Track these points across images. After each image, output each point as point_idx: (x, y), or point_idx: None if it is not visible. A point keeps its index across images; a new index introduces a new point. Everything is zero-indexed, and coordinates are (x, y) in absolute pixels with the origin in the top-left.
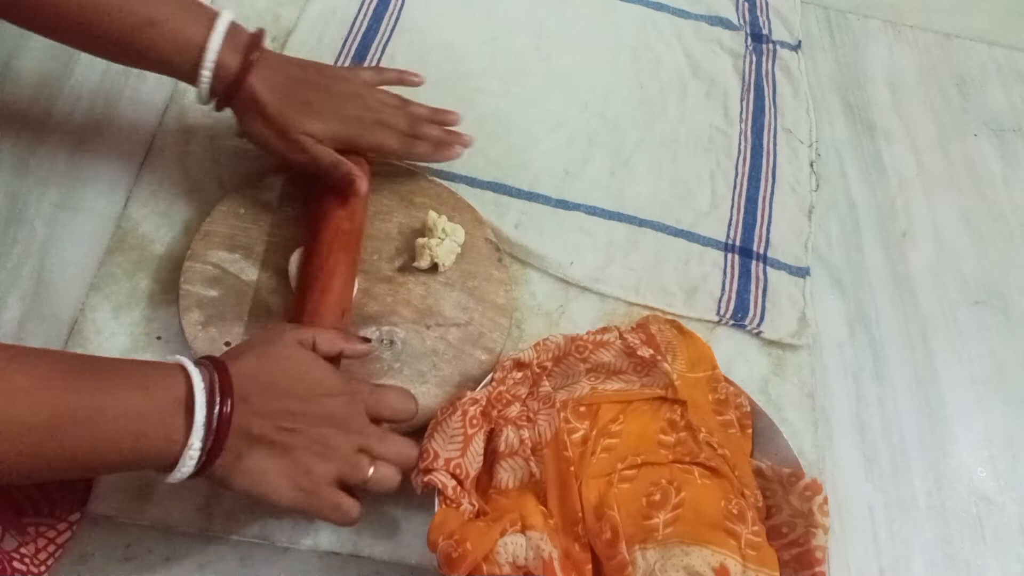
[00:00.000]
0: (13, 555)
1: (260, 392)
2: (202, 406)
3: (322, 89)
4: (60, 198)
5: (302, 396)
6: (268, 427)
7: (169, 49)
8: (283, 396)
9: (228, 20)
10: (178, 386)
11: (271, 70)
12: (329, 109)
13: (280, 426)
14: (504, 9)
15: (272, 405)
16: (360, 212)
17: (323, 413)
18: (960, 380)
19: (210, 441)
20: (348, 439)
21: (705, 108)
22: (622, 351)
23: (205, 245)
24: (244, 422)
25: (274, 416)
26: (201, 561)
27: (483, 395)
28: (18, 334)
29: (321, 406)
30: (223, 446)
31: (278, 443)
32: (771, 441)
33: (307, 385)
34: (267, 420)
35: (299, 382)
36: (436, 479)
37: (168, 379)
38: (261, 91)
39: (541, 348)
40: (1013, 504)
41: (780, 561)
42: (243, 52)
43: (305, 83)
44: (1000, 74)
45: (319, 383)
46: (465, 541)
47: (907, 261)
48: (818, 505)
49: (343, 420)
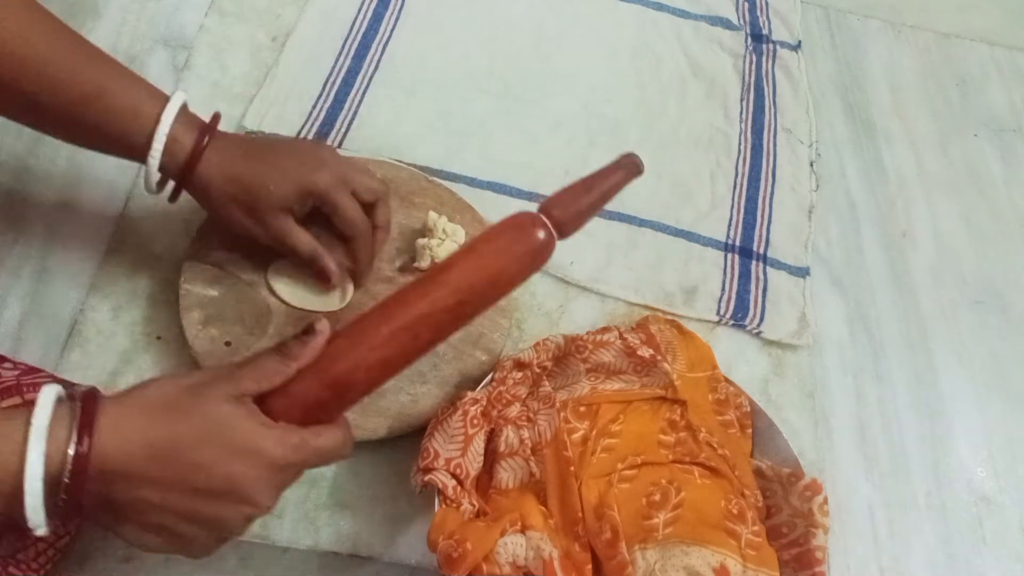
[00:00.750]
0: (9, 561)
1: (148, 459)
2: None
3: (285, 146)
4: (60, 198)
5: (200, 464)
6: (149, 503)
7: (120, 120)
8: (179, 466)
9: (182, 98)
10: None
11: (228, 142)
12: (295, 162)
13: (160, 504)
14: (504, 9)
15: (159, 475)
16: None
17: (219, 485)
18: (960, 380)
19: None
20: (239, 510)
21: (705, 108)
22: (622, 351)
23: (205, 245)
24: (109, 490)
25: (157, 488)
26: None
27: (483, 395)
28: (18, 334)
29: (220, 477)
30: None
31: (158, 523)
32: (771, 441)
33: (218, 450)
34: (152, 492)
35: (206, 446)
36: (436, 479)
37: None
38: (221, 161)
39: (541, 348)
40: (1013, 504)
41: (780, 561)
42: (198, 130)
43: (266, 146)
44: (1000, 74)
45: (234, 446)
46: (465, 541)
47: (907, 261)
48: (818, 505)
49: (244, 493)
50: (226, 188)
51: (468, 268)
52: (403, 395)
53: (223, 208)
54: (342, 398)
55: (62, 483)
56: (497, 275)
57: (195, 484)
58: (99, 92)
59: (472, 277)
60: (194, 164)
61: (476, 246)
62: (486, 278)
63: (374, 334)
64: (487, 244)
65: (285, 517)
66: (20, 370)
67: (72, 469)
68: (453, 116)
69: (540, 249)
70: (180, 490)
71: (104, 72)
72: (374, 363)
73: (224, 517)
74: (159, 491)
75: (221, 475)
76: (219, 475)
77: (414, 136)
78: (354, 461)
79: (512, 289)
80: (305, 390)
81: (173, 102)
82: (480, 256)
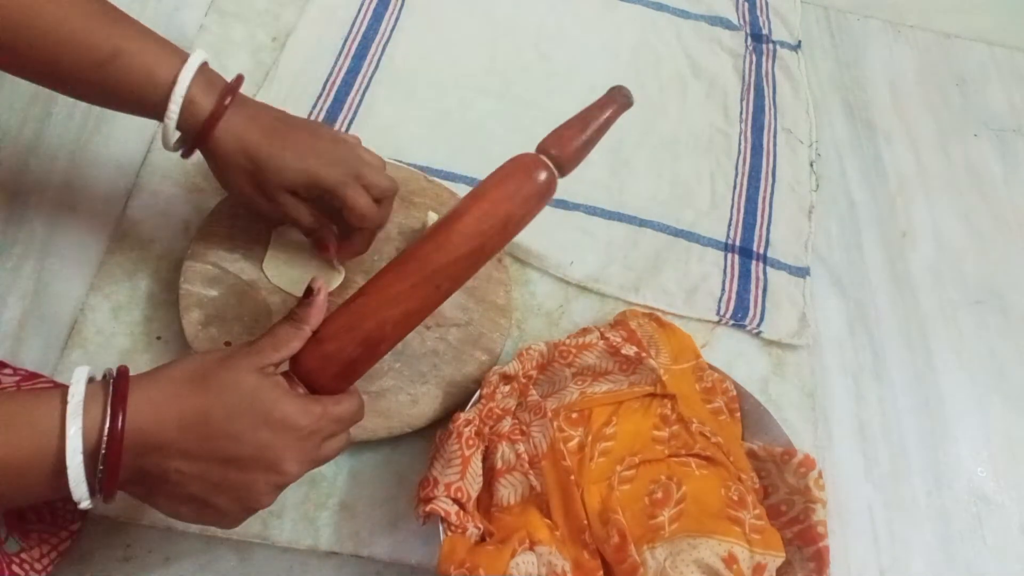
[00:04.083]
0: (14, 558)
1: (180, 430)
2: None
3: (305, 129)
4: (60, 198)
5: (231, 434)
6: (181, 473)
7: (137, 81)
8: (210, 437)
9: (202, 57)
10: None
11: (250, 109)
12: (311, 149)
13: (192, 473)
14: (504, 9)
15: (191, 446)
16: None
17: (249, 453)
18: (960, 380)
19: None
20: (267, 478)
21: (705, 108)
22: (606, 351)
23: (205, 245)
24: (148, 462)
25: (190, 459)
26: (201, 561)
27: (475, 414)
28: (18, 334)
29: (250, 445)
30: (115, 480)
31: (190, 493)
32: (760, 422)
33: (248, 420)
34: (184, 463)
35: (235, 417)
36: (438, 507)
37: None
38: (238, 130)
39: (525, 358)
40: (1013, 504)
41: (783, 540)
42: (218, 93)
43: (287, 122)
44: (1000, 74)
45: (263, 416)
46: (477, 568)
47: (907, 261)
48: (814, 480)
49: (272, 460)
50: (238, 159)
51: (479, 215)
52: (403, 395)
53: (231, 176)
54: (374, 353)
55: (99, 457)
56: (507, 219)
57: (226, 453)
58: (116, 52)
59: (484, 224)
60: (212, 127)
61: (484, 192)
62: (498, 223)
63: (398, 289)
64: (495, 190)
65: (285, 517)
66: (20, 376)
67: (108, 443)
68: (453, 116)
69: (545, 190)
70: (211, 460)
71: (121, 31)
72: (400, 317)
73: (253, 486)
74: (191, 462)
75: (251, 443)
76: (249, 444)
77: (414, 136)
78: (354, 461)
79: (521, 229)
80: (340, 349)
81: (191, 62)
82: (490, 203)
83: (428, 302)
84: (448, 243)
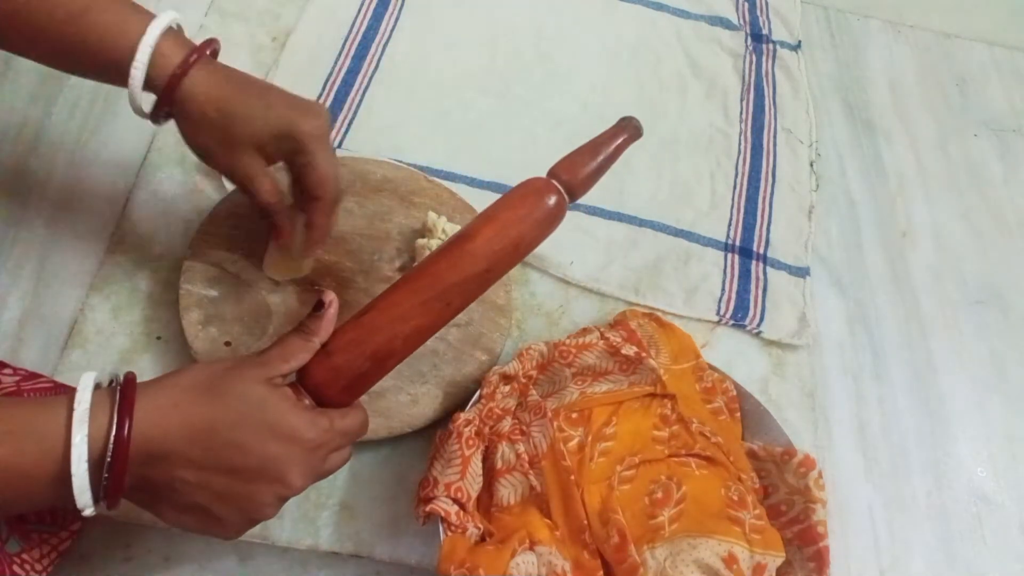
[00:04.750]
0: (15, 559)
1: (186, 439)
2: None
3: (277, 88)
4: (60, 198)
5: (238, 444)
6: (186, 482)
7: (109, 35)
8: (216, 446)
9: (173, 15)
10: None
11: (220, 67)
12: (283, 100)
13: (197, 483)
14: (504, 9)
15: (197, 455)
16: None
17: (254, 464)
18: (960, 380)
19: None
20: (272, 489)
21: (705, 108)
22: (606, 351)
23: (205, 245)
24: (153, 472)
25: (195, 468)
26: (201, 561)
27: (475, 414)
28: (18, 334)
29: (255, 456)
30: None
31: (194, 502)
32: (760, 422)
33: (255, 431)
34: (189, 472)
35: (242, 427)
36: (438, 507)
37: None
38: (208, 83)
39: (525, 358)
40: (1013, 504)
41: (783, 540)
42: (188, 49)
43: (260, 83)
44: (1000, 74)
45: (270, 428)
46: (478, 568)
47: (907, 261)
48: (814, 480)
49: (278, 472)
50: (206, 110)
51: (492, 237)
52: (403, 395)
53: (199, 134)
54: (382, 367)
55: (104, 465)
56: (519, 241)
57: (231, 464)
58: (89, 5)
59: (495, 245)
60: (179, 79)
61: (496, 214)
62: (509, 245)
63: (409, 305)
64: (507, 212)
65: (285, 517)
66: (20, 376)
67: (114, 451)
68: (453, 116)
69: (555, 214)
70: (216, 470)
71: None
72: (410, 332)
73: (257, 497)
74: (196, 471)
75: (256, 455)
76: (255, 455)
77: (414, 136)
78: (354, 461)
79: (532, 250)
80: (349, 363)
81: (161, 18)
82: (502, 224)
83: (438, 319)
84: (461, 262)
